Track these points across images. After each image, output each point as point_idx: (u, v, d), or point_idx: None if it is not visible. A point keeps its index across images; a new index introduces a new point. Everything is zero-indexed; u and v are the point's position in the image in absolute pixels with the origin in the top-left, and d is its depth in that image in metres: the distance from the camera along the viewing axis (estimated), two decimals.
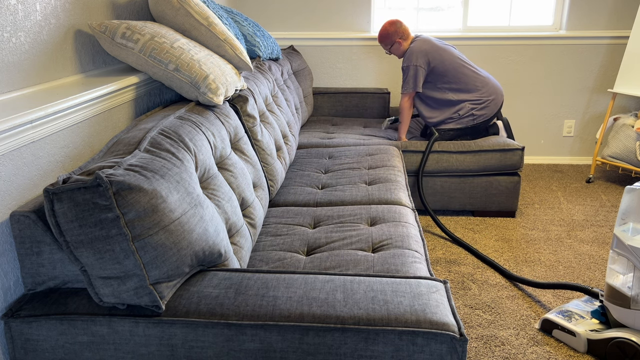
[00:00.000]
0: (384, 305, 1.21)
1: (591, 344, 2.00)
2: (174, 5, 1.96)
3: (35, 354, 1.26)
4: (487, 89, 3.21)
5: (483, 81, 3.22)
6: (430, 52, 3.17)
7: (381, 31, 3.28)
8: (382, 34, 3.28)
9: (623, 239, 1.90)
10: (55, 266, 1.28)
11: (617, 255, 1.94)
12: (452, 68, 3.18)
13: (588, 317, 2.09)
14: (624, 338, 1.89)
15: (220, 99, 1.86)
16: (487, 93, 3.20)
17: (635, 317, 1.90)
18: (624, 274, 1.91)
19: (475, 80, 3.21)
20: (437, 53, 3.18)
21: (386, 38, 3.27)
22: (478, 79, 3.21)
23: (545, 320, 2.14)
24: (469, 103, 3.19)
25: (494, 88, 3.23)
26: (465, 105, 3.19)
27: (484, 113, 3.20)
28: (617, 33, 3.87)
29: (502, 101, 3.25)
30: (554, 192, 3.62)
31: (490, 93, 3.21)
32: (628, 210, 1.94)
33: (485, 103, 3.19)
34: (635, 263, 1.87)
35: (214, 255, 1.37)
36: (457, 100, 3.20)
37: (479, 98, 3.19)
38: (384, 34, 3.27)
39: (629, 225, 1.94)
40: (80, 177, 1.15)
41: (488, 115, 3.21)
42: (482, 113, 3.19)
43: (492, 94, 3.21)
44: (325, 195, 2.35)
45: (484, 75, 3.25)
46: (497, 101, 3.22)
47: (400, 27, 3.25)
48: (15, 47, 1.40)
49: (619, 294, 1.92)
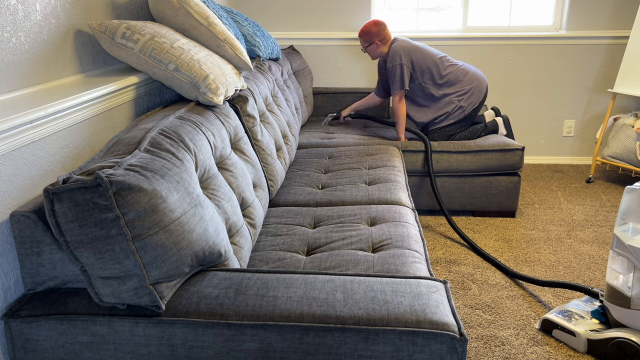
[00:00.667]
0: (384, 305, 1.21)
1: (591, 344, 2.00)
2: (174, 5, 1.96)
3: (35, 354, 1.26)
4: (468, 78, 3.26)
5: (463, 71, 3.27)
6: (411, 49, 3.23)
7: (364, 27, 3.29)
8: (364, 31, 3.29)
9: (623, 239, 1.90)
10: (55, 266, 1.28)
11: (617, 255, 1.94)
12: (433, 63, 3.24)
13: (588, 317, 2.09)
14: (624, 338, 1.89)
15: (220, 99, 1.86)
16: (468, 82, 3.25)
17: (635, 317, 1.90)
18: (624, 274, 1.91)
19: (456, 72, 3.26)
20: (417, 51, 3.24)
21: (366, 35, 3.29)
22: (458, 70, 3.27)
23: (545, 320, 2.14)
24: (454, 97, 3.24)
25: (474, 75, 3.28)
26: (451, 100, 3.24)
27: (470, 101, 3.24)
28: (617, 33, 3.87)
29: (487, 87, 3.29)
30: (554, 192, 3.62)
31: (472, 81, 3.26)
32: (628, 210, 1.94)
33: (470, 91, 3.24)
34: (635, 263, 1.87)
35: (214, 255, 1.37)
36: (442, 94, 3.25)
37: (462, 88, 3.24)
38: (366, 31, 3.29)
39: (629, 225, 1.94)
40: (80, 177, 1.15)
41: (475, 103, 3.26)
42: (469, 102, 3.24)
43: (473, 81, 3.26)
44: (325, 195, 2.35)
45: (463, 65, 3.31)
46: (480, 87, 3.26)
47: (383, 31, 3.28)
48: (15, 47, 1.40)
49: (619, 294, 1.92)
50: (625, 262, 1.91)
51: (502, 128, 3.39)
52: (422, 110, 3.29)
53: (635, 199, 1.92)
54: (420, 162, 3.16)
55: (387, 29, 3.30)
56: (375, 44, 3.29)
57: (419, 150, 3.14)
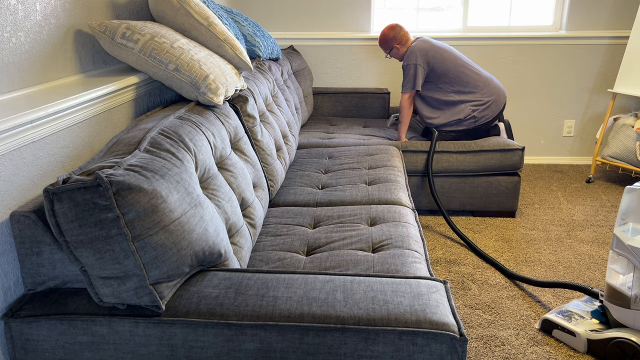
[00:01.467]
0: (384, 305, 1.21)
1: (591, 344, 2.00)
2: (174, 5, 1.96)
3: (35, 354, 1.26)
4: (489, 89, 3.21)
5: (485, 81, 3.22)
6: (429, 51, 3.19)
7: (381, 36, 3.36)
8: (381, 39, 3.36)
9: (623, 239, 1.90)
10: (55, 266, 1.28)
11: (617, 255, 1.94)
12: (453, 68, 3.19)
13: (588, 317, 2.09)
14: (624, 338, 1.89)
15: (220, 99, 1.86)
16: (488, 93, 3.20)
17: (635, 317, 1.90)
18: (624, 274, 1.91)
19: (477, 81, 3.20)
20: (437, 52, 3.19)
21: (385, 43, 3.35)
22: (480, 79, 3.21)
23: (545, 320, 2.14)
24: (471, 105, 3.19)
25: (495, 89, 3.22)
26: (467, 107, 3.19)
27: (485, 114, 3.19)
28: (617, 33, 3.87)
29: (505, 102, 3.25)
30: (554, 192, 3.62)
31: (491, 93, 3.20)
32: (628, 210, 1.94)
33: (487, 104, 3.19)
34: (635, 263, 1.87)
35: (214, 255, 1.37)
36: (459, 100, 3.20)
37: (480, 99, 3.19)
38: (383, 39, 3.35)
39: (629, 225, 1.94)
40: (80, 177, 1.15)
41: (490, 117, 3.21)
42: (483, 114, 3.19)
43: (492, 94, 3.20)
44: (325, 195, 2.35)
45: (486, 75, 3.25)
46: (498, 102, 3.21)
47: (399, 33, 3.29)
48: (15, 47, 1.40)
49: (619, 294, 1.92)
50: (625, 262, 1.91)
51: (503, 133, 3.38)
52: (436, 112, 3.26)
53: (635, 199, 1.92)
54: (420, 162, 3.16)
55: (404, 29, 3.31)
56: (395, 49, 3.32)
57: (419, 150, 3.14)
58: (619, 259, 1.93)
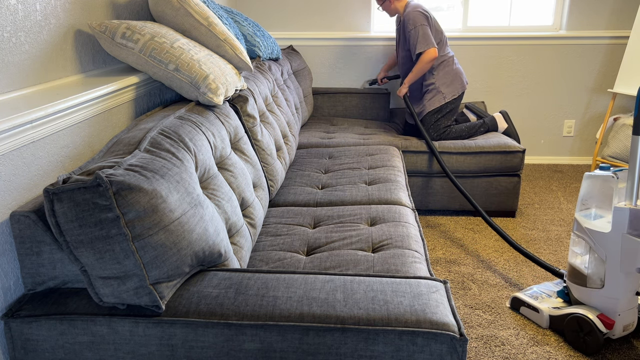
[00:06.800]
0: (384, 305, 1.21)
1: (552, 320, 2.13)
2: (174, 5, 1.96)
3: (35, 354, 1.26)
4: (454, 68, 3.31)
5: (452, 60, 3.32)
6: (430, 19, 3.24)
7: None
8: None
9: (582, 222, 2.05)
10: (55, 266, 1.28)
11: (577, 238, 2.08)
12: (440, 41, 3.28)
13: (554, 296, 2.23)
14: (580, 314, 2.01)
15: (220, 99, 1.86)
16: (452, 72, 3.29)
17: (591, 295, 2.03)
18: (582, 255, 2.06)
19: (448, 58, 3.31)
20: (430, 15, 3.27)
21: None
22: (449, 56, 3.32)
23: (514, 298, 2.29)
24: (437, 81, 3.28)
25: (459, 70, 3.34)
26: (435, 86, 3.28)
27: (450, 91, 3.28)
28: (617, 33, 3.87)
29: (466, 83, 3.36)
30: (554, 192, 3.62)
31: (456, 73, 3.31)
32: (587, 196, 2.08)
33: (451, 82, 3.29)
34: (591, 244, 2.00)
35: (214, 255, 1.37)
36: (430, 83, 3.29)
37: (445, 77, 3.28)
38: None
39: (592, 210, 2.08)
40: (80, 177, 1.15)
41: (455, 94, 3.29)
42: (448, 90, 3.28)
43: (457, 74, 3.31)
44: (325, 195, 2.35)
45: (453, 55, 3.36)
46: (461, 82, 3.32)
47: None
48: (15, 47, 1.40)
49: (578, 273, 2.06)
50: (583, 243, 2.05)
51: (502, 122, 3.39)
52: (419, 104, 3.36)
53: (593, 185, 2.05)
54: (420, 162, 3.16)
55: None
56: (388, 2, 3.32)
57: (419, 150, 3.14)
58: (579, 240, 2.07)
